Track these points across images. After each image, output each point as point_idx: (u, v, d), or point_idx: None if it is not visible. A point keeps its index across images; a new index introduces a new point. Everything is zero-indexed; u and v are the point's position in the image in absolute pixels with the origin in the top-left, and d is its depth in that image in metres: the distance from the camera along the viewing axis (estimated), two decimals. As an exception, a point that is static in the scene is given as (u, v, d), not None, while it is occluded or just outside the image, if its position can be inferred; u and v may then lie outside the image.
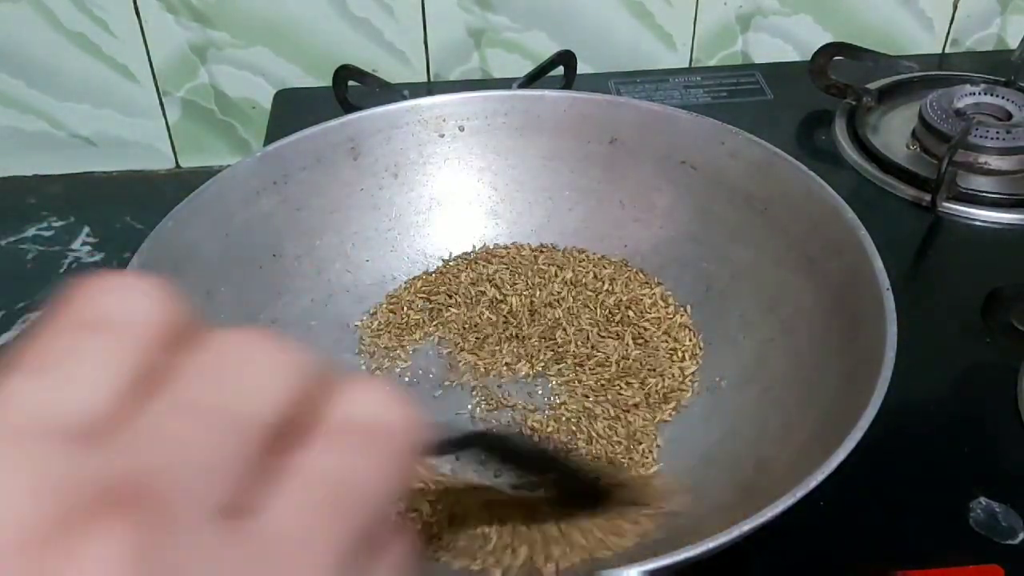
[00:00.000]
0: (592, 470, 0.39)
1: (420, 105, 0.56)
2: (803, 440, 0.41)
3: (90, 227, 0.70)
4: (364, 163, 0.55)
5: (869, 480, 0.44)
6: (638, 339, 0.51)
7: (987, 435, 0.48)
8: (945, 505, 0.44)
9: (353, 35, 0.75)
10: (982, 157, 0.65)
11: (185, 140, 0.79)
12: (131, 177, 0.78)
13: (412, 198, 0.57)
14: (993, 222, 0.62)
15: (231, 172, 0.50)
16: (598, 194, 0.57)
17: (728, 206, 0.52)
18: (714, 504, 0.41)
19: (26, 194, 0.74)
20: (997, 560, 0.41)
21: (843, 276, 0.45)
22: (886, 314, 0.40)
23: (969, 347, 0.53)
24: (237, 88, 0.76)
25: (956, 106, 0.68)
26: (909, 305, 0.42)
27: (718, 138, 0.52)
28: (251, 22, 0.74)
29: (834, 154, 0.68)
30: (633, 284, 0.54)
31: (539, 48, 0.77)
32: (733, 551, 0.34)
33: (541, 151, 0.57)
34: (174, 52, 0.74)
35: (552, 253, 0.56)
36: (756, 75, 0.77)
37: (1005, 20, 0.81)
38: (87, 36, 0.72)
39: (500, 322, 0.53)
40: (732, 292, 0.51)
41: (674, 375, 0.49)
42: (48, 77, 0.74)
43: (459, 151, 0.57)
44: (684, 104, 0.72)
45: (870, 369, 0.38)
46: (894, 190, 0.64)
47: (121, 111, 0.76)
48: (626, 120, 0.55)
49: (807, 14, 0.78)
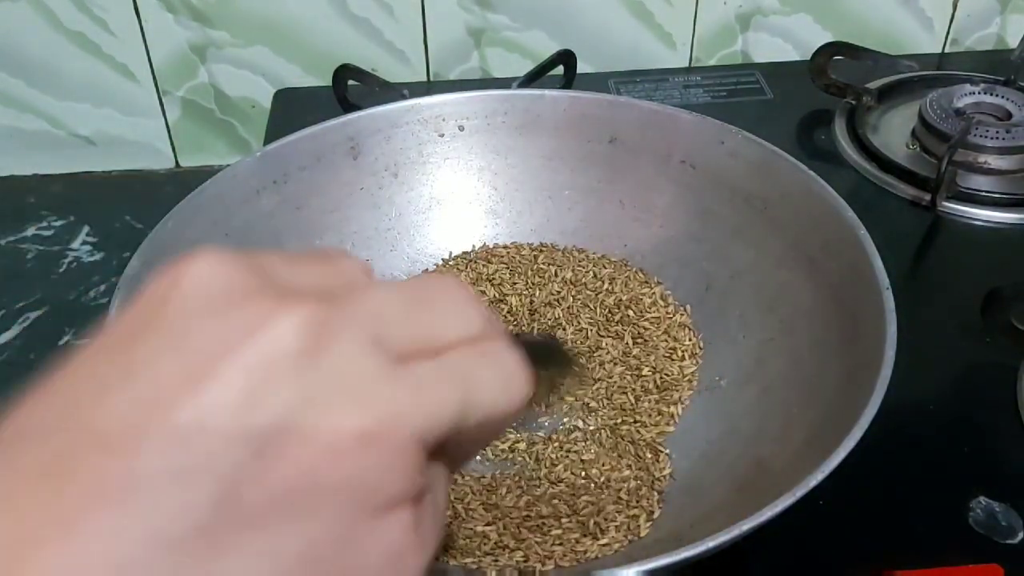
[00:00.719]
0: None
1: (420, 104, 0.56)
2: (803, 439, 0.41)
3: (90, 226, 0.70)
4: (364, 162, 0.55)
5: (869, 480, 0.44)
6: (638, 339, 0.51)
7: (987, 435, 0.48)
8: (945, 504, 0.44)
9: (353, 34, 0.75)
10: (982, 156, 0.65)
11: (185, 139, 0.79)
12: (131, 176, 0.78)
13: (412, 197, 0.57)
14: (993, 221, 0.62)
15: (231, 171, 0.50)
16: (598, 193, 0.57)
17: (728, 205, 0.52)
18: (714, 504, 0.41)
19: (26, 193, 0.74)
20: (997, 560, 0.41)
21: (843, 275, 0.45)
22: (886, 313, 0.40)
23: (969, 346, 0.53)
24: (237, 87, 0.76)
25: (956, 105, 0.68)
26: (909, 304, 0.42)
27: (718, 137, 0.52)
28: (251, 21, 0.74)
29: (834, 153, 0.68)
30: (633, 283, 0.54)
31: (539, 48, 0.77)
32: (733, 551, 0.34)
33: (541, 150, 0.57)
34: (174, 51, 0.74)
35: (552, 252, 0.56)
36: (756, 75, 0.77)
37: (1005, 19, 0.81)
38: (87, 35, 0.72)
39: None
40: (732, 291, 0.51)
41: (673, 374, 0.49)
42: (48, 76, 0.74)
43: (459, 150, 0.57)
44: (684, 104, 0.72)
45: (870, 368, 0.38)
46: (894, 189, 0.64)
47: (121, 110, 0.76)
48: (626, 119, 0.55)
49: (807, 13, 0.78)
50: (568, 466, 0.45)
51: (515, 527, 0.42)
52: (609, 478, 0.44)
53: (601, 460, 0.45)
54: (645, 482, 0.44)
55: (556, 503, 0.43)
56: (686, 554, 0.32)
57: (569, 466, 0.45)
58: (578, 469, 0.45)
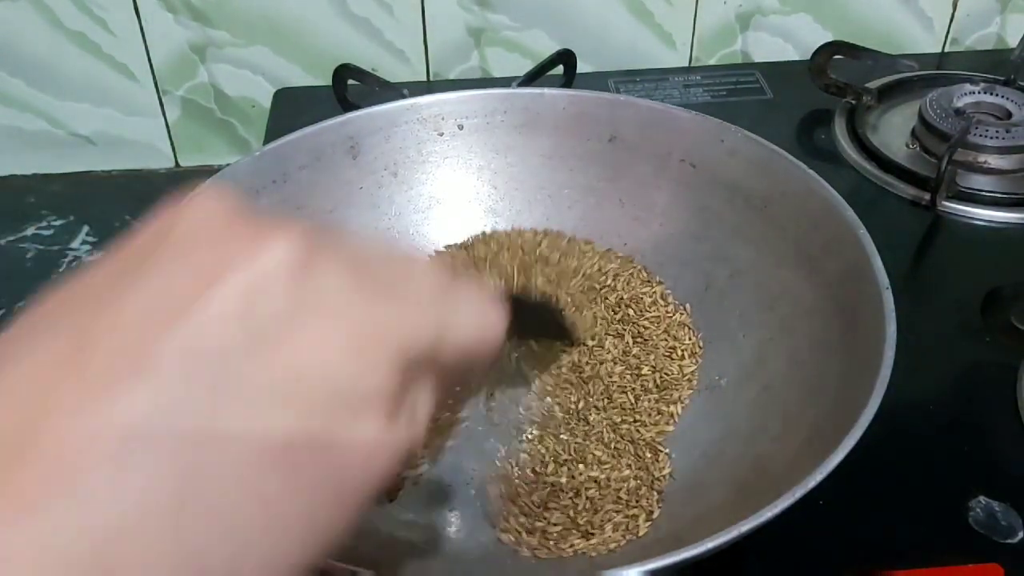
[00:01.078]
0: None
1: (419, 104, 0.55)
2: (803, 439, 0.41)
3: (90, 226, 0.70)
4: (363, 162, 0.55)
5: (869, 479, 0.44)
6: (637, 338, 0.51)
7: (987, 434, 0.48)
8: (945, 504, 0.44)
9: (353, 34, 0.75)
10: (982, 156, 0.64)
11: (185, 139, 0.79)
12: (130, 176, 0.78)
13: (412, 196, 0.57)
14: (993, 221, 0.62)
15: (230, 171, 0.50)
16: (597, 192, 0.57)
17: (727, 204, 0.52)
18: (713, 503, 0.41)
19: (25, 193, 0.74)
20: (997, 559, 0.41)
21: (843, 275, 0.45)
22: (885, 313, 0.40)
23: (969, 346, 0.53)
24: (237, 87, 0.76)
25: (956, 105, 0.68)
26: (909, 304, 0.42)
27: (718, 136, 0.52)
28: (251, 21, 0.74)
29: (834, 153, 0.68)
30: (635, 282, 0.54)
31: (539, 47, 0.77)
32: (732, 551, 0.34)
33: (540, 149, 0.57)
34: (174, 51, 0.74)
35: (556, 239, 0.54)
36: (756, 74, 0.77)
37: (1005, 19, 0.81)
38: (86, 35, 0.72)
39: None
40: (731, 291, 0.51)
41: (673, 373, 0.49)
42: (48, 76, 0.74)
43: (458, 149, 0.57)
44: (684, 103, 0.72)
45: (869, 368, 0.38)
46: (894, 189, 0.64)
47: (121, 110, 0.76)
48: (626, 118, 0.55)
49: (807, 13, 0.78)
50: (567, 464, 0.45)
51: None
52: (608, 477, 0.44)
53: (600, 459, 0.45)
54: (644, 481, 0.44)
55: (555, 502, 0.43)
56: (686, 554, 0.32)
57: (568, 463, 0.45)
58: (577, 468, 0.45)
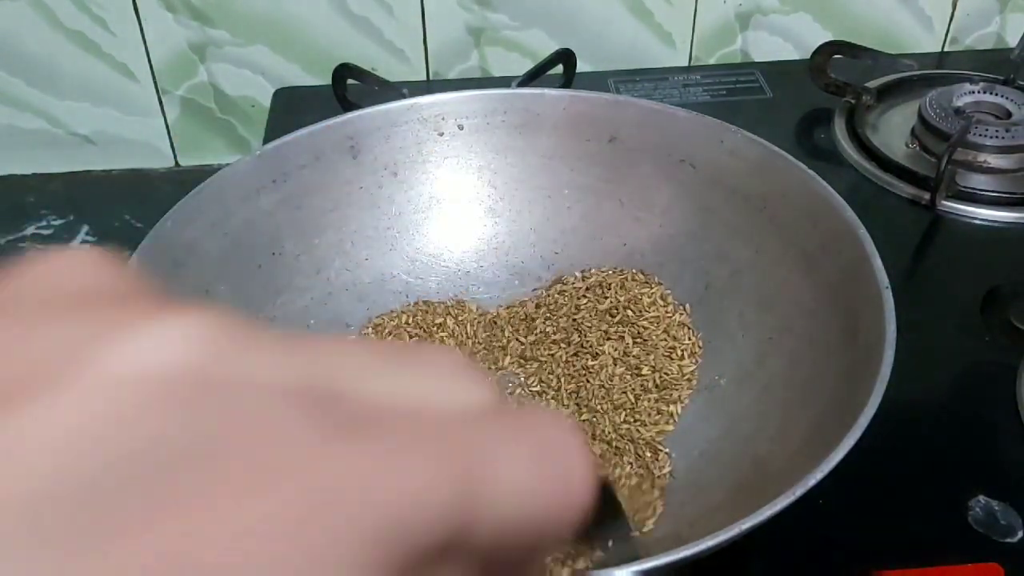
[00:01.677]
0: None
1: (419, 103, 0.55)
2: (802, 438, 0.41)
3: (89, 225, 0.70)
4: (363, 161, 0.55)
5: (868, 478, 0.44)
6: (637, 338, 0.51)
7: (987, 433, 0.48)
8: (944, 503, 0.44)
9: (352, 33, 0.75)
10: (981, 155, 0.64)
11: (184, 138, 0.79)
12: (130, 175, 0.78)
13: (411, 196, 0.57)
14: (992, 220, 0.62)
15: (230, 170, 0.50)
16: (597, 192, 0.57)
17: (727, 204, 0.52)
18: (713, 502, 0.41)
19: (25, 192, 0.74)
20: (996, 558, 0.41)
21: (842, 274, 0.45)
22: (885, 312, 0.40)
23: (968, 345, 0.53)
24: (236, 86, 0.76)
25: (955, 104, 0.68)
26: (908, 303, 0.42)
27: (717, 136, 0.52)
28: (250, 20, 0.73)
29: (833, 152, 0.68)
30: (631, 284, 0.54)
31: (538, 47, 0.77)
32: (732, 550, 0.34)
33: (540, 149, 0.57)
34: (173, 50, 0.74)
35: (554, 307, 0.53)
36: (755, 74, 0.77)
37: (1004, 18, 0.81)
38: (86, 34, 0.72)
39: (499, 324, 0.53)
40: (731, 290, 0.51)
41: (673, 373, 0.49)
42: (47, 75, 0.74)
43: (458, 149, 0.57)
44: (683, 103, 0.72)
45: (869, 367, 0.38)
46: (893, 188, 0.64)
47: (120, 109, 0.76)
48: (625, 118, 0.55)
49: (806, 12, 0.78)
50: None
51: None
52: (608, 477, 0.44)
53: (600, 459, 0.45)
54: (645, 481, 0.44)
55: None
56: (686, 553, 0.32)
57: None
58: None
